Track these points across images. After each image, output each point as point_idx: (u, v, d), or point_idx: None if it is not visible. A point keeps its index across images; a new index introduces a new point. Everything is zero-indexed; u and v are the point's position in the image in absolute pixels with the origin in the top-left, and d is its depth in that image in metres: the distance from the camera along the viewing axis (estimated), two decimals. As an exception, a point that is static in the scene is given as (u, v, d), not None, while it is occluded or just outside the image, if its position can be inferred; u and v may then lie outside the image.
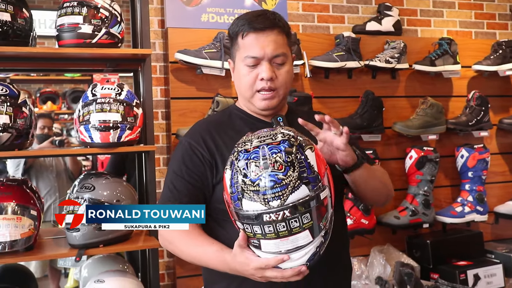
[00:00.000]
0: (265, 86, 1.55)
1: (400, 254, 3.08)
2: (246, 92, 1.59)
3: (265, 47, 1.55)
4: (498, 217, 3.44)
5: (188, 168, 1.57)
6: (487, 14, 3.70)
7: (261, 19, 1.57)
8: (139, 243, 2.43)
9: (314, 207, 1.23)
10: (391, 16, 3.29)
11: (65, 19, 2.34)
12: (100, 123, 2.31)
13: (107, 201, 2.33)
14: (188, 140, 1.62)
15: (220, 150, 1.57)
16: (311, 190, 1.23)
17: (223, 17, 3.02)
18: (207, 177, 1.57)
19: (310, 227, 1.23)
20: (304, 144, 1.28)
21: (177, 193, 1.56)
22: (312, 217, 1.23)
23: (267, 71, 1.54)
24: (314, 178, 1.24)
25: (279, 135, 1.28)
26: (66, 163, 4.70)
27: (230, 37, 1.64)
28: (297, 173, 1.22)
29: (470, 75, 3.49)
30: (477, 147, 3.28)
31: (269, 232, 1.23)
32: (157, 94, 2.94)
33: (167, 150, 2.95)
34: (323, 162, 1.32)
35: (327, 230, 1.29)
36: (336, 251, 1.58)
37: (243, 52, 1.57)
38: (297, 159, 1.24)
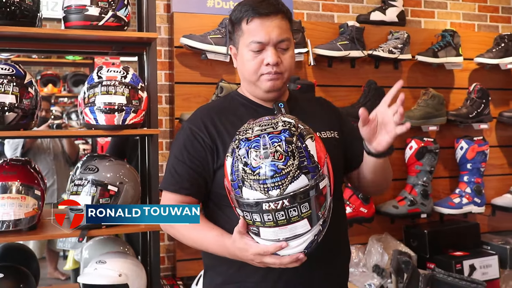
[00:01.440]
0: (271, 71, 1.56)
1: (398, 243, 3.12)
2: (251, 77, 1.60)
3: (270, 32, 1.55)
4: (495, 209, 3.48)
5: (190, 153, 1.59)
6: (491, 7, 3.71)
7: (265, 4, 1.58)
8: (141, 225, 2.44)
9: (313, 196, 1.25)
10: (396, 6, 3.30)
11: (73, 0, 2.34)
12: (105, 105, 2.32)
13: (110, 183, 2.35)
14: (189, 126, 1.63)
15: (221, 135, 1.59)
16: (311, 180, 1.25)
17: (229, 3, 3.02)
18: (208, 162, 1.59)
19: (308, 216, 1.25)
20: (304, 133, 1.30)
21: (178, 178, 1.58)
22: (310, 207, 1.25)
23: (273, 56, 1.55)
24: (314, 168, 1.26)
25: (280, 123, 1.30)
26: (64, 146, 4.73)
27: (232, 23, 1.64)
28: (297, 162, 1.24)
29: (472, 68, 3.51)
30: (477, 140, 3.31)
31: (268, 220, 1.25)
32: (161, 79, 2.95)
33: (170, 134, 2.97)
34: (323, 151, 1.33)
35: (326, 218, 1.31)
36: (335, 238, 1.60)
37: (247, 38, 1.57)
38: (297, 149, 1.25)
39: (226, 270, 1.59)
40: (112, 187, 2.35)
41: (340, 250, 1.66)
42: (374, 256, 2.96)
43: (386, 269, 2.91)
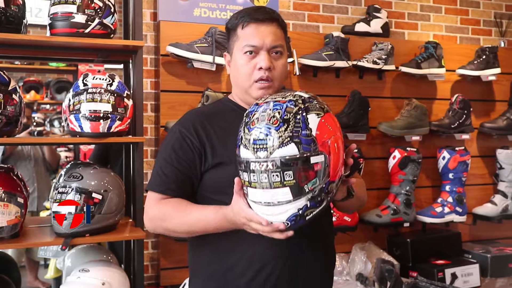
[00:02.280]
0: (263, 75, 1.58)
1: (381, 252, 3.14)
2: (244, 82, 1.62)
3: (265, 37, 1.59)
4: (476, 219, 3.53)
5: (178, 155, 1.60)
6: (472, 20, 3.78)
7: (261, 11, 1.62)
8: (125, 234, 2.44)
9: (299, 167, 1.27)
10: (380, 18, 3.34)
11: (59, 7, 2.34)
12: (90, 113, 2.32)
13: (95, 191, 2.34)
14: (179, 128, 1.65)
15: (211, 139, 1.60)
16: (301, 151, 1.26)
17: (215, 12, 3.04)
18: (195, 165, 1.60)
19: (291, 185, 1.27)
20: (311, 108, 1.32)
21: (165, 178, 1.60)
22: (295, 177, 1.27)
23: (266, 61, 1.57)
24: (308, 140, 1.27)
25: (292, 95, 1.34)
26: (45, 154, 4.67)
27: (228, 30, 1.68)
28: (289, 131, 1.27)
29: (454, 79, 3.57)
30: (458, 150, 3.36)
31: (253, 181, 1.30)
32: (147, 86, 2.95)
33: (155, 142, 2.96)
34: (331, 131, 1.33)
35: (316, 197, 1.30)
36: (320, 244, 1.64)
37: (242, 42, 1.60)
38: (295, 118, 1.28)
39: (212, 274, 1.60)
40: (97, 195, 2.34)
41: (325, 256, 1.67)
42: (358, 264, 2.98)
43: (370, 277, 2.93)
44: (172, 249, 2.86)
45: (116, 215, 2.43)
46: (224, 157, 1.58)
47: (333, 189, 1.35)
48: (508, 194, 3.53)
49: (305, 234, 1.58)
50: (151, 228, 1.64)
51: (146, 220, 1.63)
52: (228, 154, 1.58)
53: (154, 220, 1.61)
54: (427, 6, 3.64)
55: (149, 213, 1.62)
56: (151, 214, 1.61)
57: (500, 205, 3.51)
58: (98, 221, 2.34)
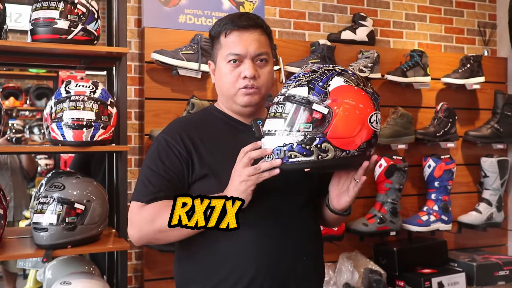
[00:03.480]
0: (248, 84, 1.55)
1: (368, 261, 3.12)
2: (228, 91, 1.59)
3: (248, 45, 1.56)
4: (461, 227, 3.53)
5: (165, 164, 1.55)
6: (456, 29, 3.80)
7: (244, 18, 1.58)
8: (108, 245, 2.38)
9: (300, 107, 1.35)
10: (366, 26, 3.34)
11: (41, 13, 2.28)
12: (73, 121, 2.26)
13: (77, 201, 2.28)
14: (164, 137, 1.60)
15: (197, 148, 1.56)
16: (309, 95, 1.35)
17: (201, 19, 3.00)
18: (183, 175, 1.55)
19: (286, 118, 1.36)
20: (344, 75, 1.39)
21: (152, 188, 1.54)
22: (293, 112, 1.35)
23: (250, 69, 1.54)
24: (320, 91, 1.35)
25: (339, 67, 1.43)
26: (22, 162, 4.57)
27: (211, 38, 1.64)
28: (311, 78, 1.38)
29: (438, 87, 3.58)
30: (444, 158, 3.36)
31: (270, 111, 1.42)
32: (131, 94, 2.90)
33: (139, 151, 2.91)
34: (351, 100, 1.36)
35: (305, 143, 1.33)
36: (311, 260, 1.61)
37: (225, 50, 1.57)
38: (323, 73, 1.38)
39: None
40: (79, 205, 2.28)
41: (315, 272, 1.64)
42: (345, 274, 2.95)
43: (357, 287, 2.90)
44: (156, 260, 2.80)
45: (99, 226, 2.37)
46: (212, 168, 1.54)
47: (327, 150, 1.34)
48: (492, 202, 3.55)
49: (295, 249, 1.56)
50: (138, 237, 1.55)
51: (132, 230, 1.55)
52: (216, 164, 1.54)
53: (141, 226, 1.52)
54: (412, 15, 3.65)
55: (134, 222, 1.54)
56: (137, 221, 1.53)
57: (484, 213, 3.52)
58: (80, 232, 2.27)
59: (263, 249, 1.51)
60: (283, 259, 1.53)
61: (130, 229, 1.56)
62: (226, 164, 1.50)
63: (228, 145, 1.57)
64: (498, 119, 3.59)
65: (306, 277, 1.58)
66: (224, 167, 1.51)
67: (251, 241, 1.51)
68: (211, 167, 1.54)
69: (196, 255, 1.56)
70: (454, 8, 3.79)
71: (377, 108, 1.40)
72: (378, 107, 1.40)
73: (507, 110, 3.60)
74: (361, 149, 1.37)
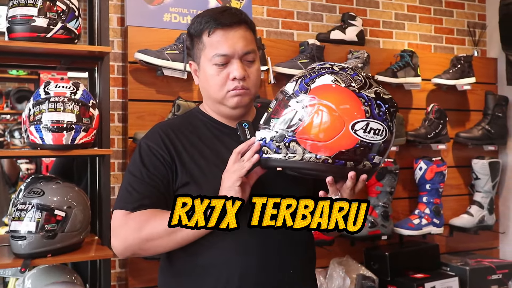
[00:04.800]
0: (238, 85, 1.46)
1: (359, 266, 3.04)
2: (216, 94, 1.49)
3: (235, 44, 1.46)
4: (453, 230, 3.47)
5: (149, 170, 1.46)
6: (446, 29, 3.76)
7: (227, 14, 1.48)
8: (91, 253, 2.28)
9: (279, 101, 1.32)
10: (355, 26, 3.27)
11: (18, 10, 2.18)
12: (52, 124, 2.16)
13: (57, 207, 2.18)
14: (146, 142, 1.51)
15: (179, 154, 1.47)
16: (292, 90, 1.31)
17: (186, 17, 2.90)
18: (169, 181, 1.47)
19: (267, 112, 1.36)
20: (337, 74, 1.30)
21: (137, 195, 1.44)
22: (274, 107, 1.34)
23: (239, 70, 1.45)
24: (302, 87, 1.29)
25: (350, 66, 1.37)
26: (3, 167, 4.44)
27: (191, 36, 1.54)
28: (304, 73, 1.35)
29: (429, 88, 3.52)
30: (435, 160, 3.30)
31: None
32: (114, 95, 2.79)
33: (122, 154, 2.80)
34: (333, 103, 1.26)
35: (276, 140, 1.29)
36: (298, 269, 1.52)
37: (210, 51, 1.47)
38: (317, 70, 1.32)
39: None
40: (59, 211, 2.19)
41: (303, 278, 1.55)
42: (336, 280, 2.87)
43: (348, 293, 2.83)
44: (141, 268, 2.70)
45: (81, 233, 2.27)
46: (194, 176, 1.45)
47: (295, 150, 1.27)
48: (484, 205, 3.50)
49: (283, 260, 1.47)
50: (122, 248, 1.44)
51: (116, 241, 1.44)
52: (197, 172, 1.46)
53: (127, 235, 1.41)
54: (401, 15, 3.59)
55: (119, 231, 1.43)
56: (122, 231, 1.42)
57: (476, 216, 3.47)
58: (61, 240, 2.17)
59: (247, 262, 1.42)
60: (270, 272, 1.45)
61: (114, 240, 1.45)
62: (208, 170, 1.44)
63: (211, 151, 1.49)
64: (489, 120, 3.54)
65: (299, 280, 1.51)
66: (205, 174, 1.44)
67: (233, 251, 1.43)
68: (193, 174, 1.45)
69: (177, 268, 1.49)
70: (444, 8, 3.74)
71: (372, 117, 1.25)
72: (376, 115, 1.26)
73: (498, 111, 3.56)
74: (339, 158, 1.26)
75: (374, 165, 1.30)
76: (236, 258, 1.42)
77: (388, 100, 1.30)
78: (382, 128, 1.27)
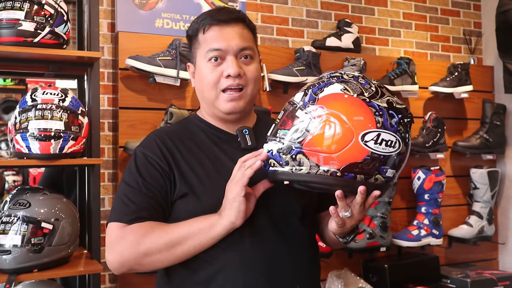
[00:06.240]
0: (233, 83, 1.38)
1: (358, 279, 2.95)
2: (209, 93, 1.41)
3: (230, 39, 1.39)
4: (452, 241, 3.40)
5: (145, 180, 1.37)
6: (442, 37, 3.71)
7: (224, 12, 1.43)
8: (80, 268, 2.18)
9: (287, 112, 1.26)
10: (351, 33, 3.21)
11: (4, 14, 2.10)
12: (39, 132, 2.07)
13: (44, 220, 2.09)
14: (142, 151, 1.42)
15: (177, 163, 1.39)
16: (300, 100, 1.25)
17: (179, 23, 2.82)
18: (167, 192, 1.38)
19: (275, 124, 1.29)
20: (347, 83, 1.23)
21: (134, 207, 1.34)
22: (281, 118, 1.28)
23: (234, 66, 1.37)
24: (311, 97, 1.24)
25: (361, 75, 1.30)
26: (-12, 178, 4.33)
27: (189, 38, 1.48)
28: (313, 82, 1.29)
29: (426, 96, 3.46)
30: (434, 169, 3.23)
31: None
32: (104, 103, 2.70)
33: (113, 164, 2.70)
34: (335, 106, 1.20)
35: (282, 152, 1.22)
36: (308, 282, 1.44)
37: (204, 47, 1.40)
38: (327, 78, 1.26)
39: None
40: (46, 224, 2.09)
41: None
42: (334, 294, 2.78)
43: (347, 307, 2.73)
44: (132, 282, 2.59)
45: (69, 247, 2.17)
46: (192, 187, 1.37)
47: (302, 163, 1.19)
48: (483, 215, 3.42)
49: (290, 276, 1.39)
50: (119, 263, 1.34)
51: (112, 256, 1.34)
52: (196, 182, 1.37)
53: (123, 250, 1.31)
54: (397, 22, 3.54)
55: (115, 246, 1.33)
56: (118, 245, 1.32)
57: (475, 227, 3.40)
58: (48, 254, 2.08)
59: (250, 278, 1.33)
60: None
61: (110, 255, 1.35)
62: (208, 181, 1.36)
63: (210, 160, 1.41)
64: (487, 129, 3.49)
65: None
66: (204, 185, 1.36)
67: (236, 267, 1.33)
68: (192, 185, 1.37)
69: (176, 284, 1.40)
70: (440, 16, 3.70)
71: (384, 127, 1.17)
72: (388, 126, 1.18)
73: (495, 119, 3.50)
74: (348, 170, 1.17)
75: (387, 179, 1.22)
76: (239, 275, 1.33)
77: (401, 110, 1.22)
78: (394, 140, 1.19)
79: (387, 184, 1.23)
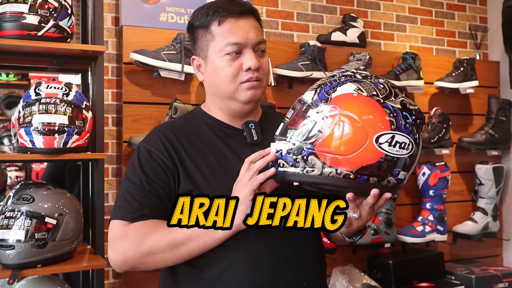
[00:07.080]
0: (253, 76, 1.37)
1: (362, 275, 2.94)
2: (227, 87, 1.39)
3: (248, 33, 1.38)
4: (456, 237, 3.38)
5: (149, 177, 1.35)
6: (448, 32, 3.68)
7: (236, 3, 1.41)
8: (83, 263, 2.17)
9: (298, 111, 1.23)
10: (357, 27, 3.19)
11: (8, 7, 2.07)
12: (43, 126, 2.05)
13: (48, 215, 2.07)
14: (146, 147, 1.40)
15: (182, 160, 1.37)
16: (312, 98, 1.22)
17: (184, 17, 2.80)
18: (171, 189, 1.36)
19: (284, 123, 1.27)
20: (361, 83, 1.21)
21: (137, 204, 1.33)
22: (291, 117, 1.25)
23: (254, 59, 1.37)
24: (323, 96, 1.21)
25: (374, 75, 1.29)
26: (-10, 173, 4.32)
27: (194, 29, 1.45)
28: (325, 81, 1.26)
29: (431, 92, 3.44)
30: (439, 165, 3.21)
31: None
32: (108, 98, 2.68)
33: (117, 159, 2.69)
34: (348, 107, 1.18)
35: (292, 152, 1.20)
36: (315, 280, 1.43)
37: (221, 41, 1.38)
38: (339, 77, 1.24)
39: None
40: (50, 219, 2.07)
41: None
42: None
43: (352, 304, 2.72)
44: (136, 278, 2.58)
45: (73, 242, 2.15)
46: (197, 184, 1.35)
47: (314, 164, 1.17)
48: (488, 211, 3.41)
49: (293, 275, 1.38)
50: (121, 261, 1.33)
51: (114, 254, 1.33)
52: (201, 179, 1.35)
53: (126, 248, 1.30)
54: (403, 17, 3.51)
55: (117, 244, 1.32)
56: (120, 243, 1.31)
57: (480, 223, 3.38)
58: (52, 249, 2.06)
59: (257, 276, 1.32)
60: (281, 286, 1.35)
61: (112, 253, 1.34)
62: (212, 178, 1.35)
63: (215, 156, 1.39)
64: (492, 125, 3.47)
65: None
66: (209, 182, 1.35)
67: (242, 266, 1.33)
68: (196, 182, 1.35)
69: (181, 281, 1.38)
70: (445, 11, 3.67)
71: (398, 129, 1.16)
72: (402, 128, 1.16)
73: (501, 115, 3.48)
74: (361, 173, 1.16)
75: (398, 181, 1.21)
76: (245, 273, 1.32)
77: (414, 112, 1.20)
78: (408, 142, 1.17)
79: (399, 186, 1.23)
